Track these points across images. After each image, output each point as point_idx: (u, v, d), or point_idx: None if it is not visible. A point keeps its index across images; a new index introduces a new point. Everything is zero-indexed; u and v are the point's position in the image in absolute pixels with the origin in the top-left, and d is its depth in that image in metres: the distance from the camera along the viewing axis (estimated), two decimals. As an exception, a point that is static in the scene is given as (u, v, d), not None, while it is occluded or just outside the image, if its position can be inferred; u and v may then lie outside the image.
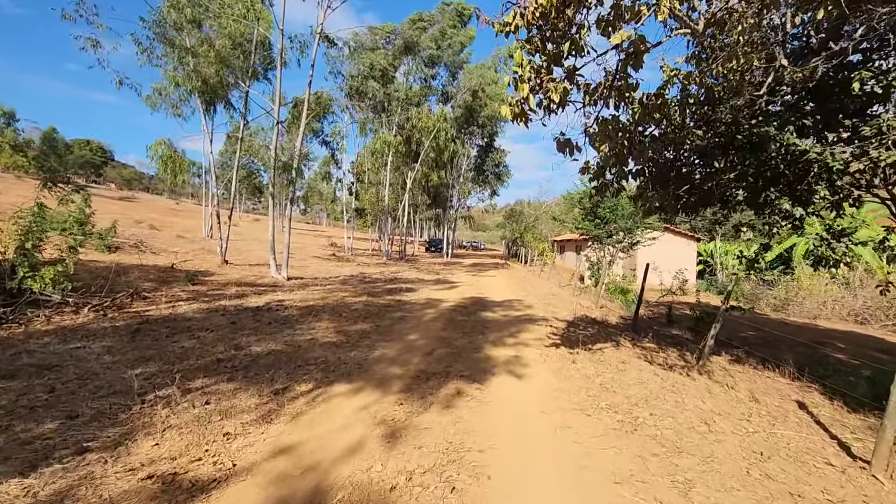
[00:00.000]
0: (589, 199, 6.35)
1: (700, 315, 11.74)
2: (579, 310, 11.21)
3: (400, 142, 18.65)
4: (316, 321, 7.51)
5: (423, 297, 11.56)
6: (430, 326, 7.83)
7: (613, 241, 17.67)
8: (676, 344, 8.80)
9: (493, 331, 7.70)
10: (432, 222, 71.11)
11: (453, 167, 32.55)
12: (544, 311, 10.31)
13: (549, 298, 12.87)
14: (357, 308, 9.07)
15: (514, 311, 9.99)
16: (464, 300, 11.41)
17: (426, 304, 10.41)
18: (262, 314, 7.75)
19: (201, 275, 11.55)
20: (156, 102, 20.03)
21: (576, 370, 5.65)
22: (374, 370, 5.20)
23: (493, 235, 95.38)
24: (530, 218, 45.49)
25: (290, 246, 27.57)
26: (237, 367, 4.92)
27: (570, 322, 9.21)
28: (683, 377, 6.12)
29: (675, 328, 11.75)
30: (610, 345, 7.44)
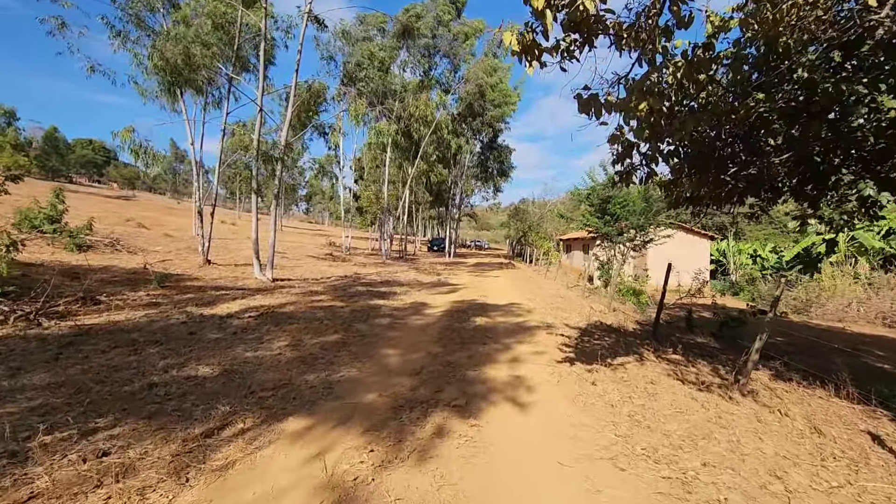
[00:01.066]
0: (612, 185, 5.27)
1: (724, 320, 10.65)
2: (591, 314, 10.13)
3: (396, 131, 17.61)
4: (289, 331, 6.48)
5: (419, 301, 10.52)
6: (422, 337, 6.78)
7: (624, 239, 16.59)
8: (705, 355, 7.72)
9: (495, 342, 6.64)
10: (435, 221, 70.12)
11: (456, 163, 31.49)
12: (553, 317, 9.24)
13: (558, 301, 11.79)
14: (341, 314, 8.04)
15: (518, 317, 8.93)
16: (463, 304, 10.36)
17: (420, 310, 9.37)
18: (228, 323, 6.74)
19: (177, 276, 10.56)
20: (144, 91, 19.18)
21: (597, 395, 4.59)
22: (344, 397, 4.16)
23: (497, 234, 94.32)
24: (535, 216, 44.43)
25: (287, 245, 26.69)
26: (171, 396, 3.90)
27: (583, 330, 8.14)
28: (725, 401, 5.05)
29: (698, 334, 10.69)
30: (632, 358, 6.37)
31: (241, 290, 9.87)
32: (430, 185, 37.38)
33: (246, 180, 45.67)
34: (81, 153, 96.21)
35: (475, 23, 23.16)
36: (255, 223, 11.32)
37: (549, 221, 45.27)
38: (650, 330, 10.02)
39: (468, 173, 34.73)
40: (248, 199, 75.65)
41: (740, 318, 10.40)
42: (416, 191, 35.15)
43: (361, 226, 34.69)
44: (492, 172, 35.71)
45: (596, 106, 3.03)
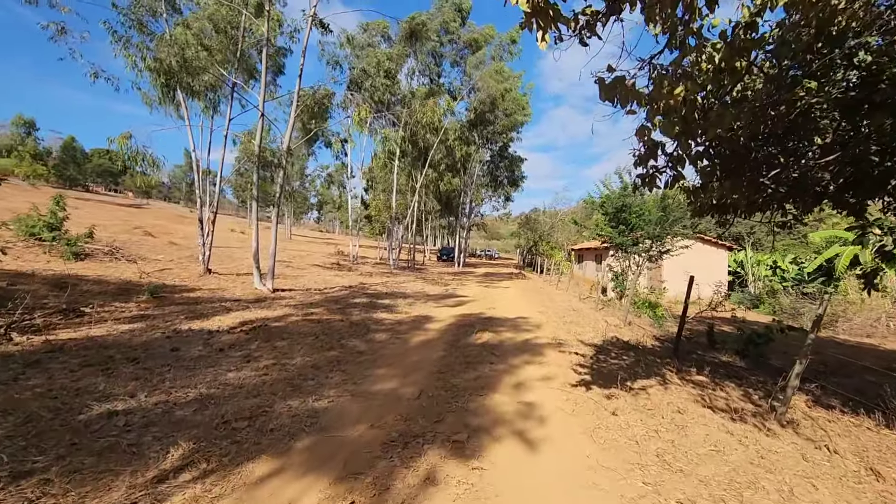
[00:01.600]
0: (634, 190, 4.75)
1: (749, 336, 9.96)
2: (606, 329, 9.53)
3: (403, 138, 17.23)
4: (280, 348, 6.01)
5: (423, 315, 10.00)
6: (424, 355, 6.26)
7: (640, 249, 15.91)
8: (732, 376, 7.09)
9: (503, 361, 6.08)
10: (445, 230, 69.70)
11: (465, 171, 31.08)
12: (565, 332, 8.65)
13: (570, 315, 11.19)
14: (339, 329, 7.56)
15: (529, 333, 8.36)
16: (469, 318, 9.81)
17: (423, 324, 8.85)
18: (216, 338, 6.28)
19: (173, 287, 10.19)
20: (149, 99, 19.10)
21: (618, 428, 4.02)
22: (329, 428, 3.66)
23: (507, 244, 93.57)
24: (546, 226, 43.77)
25: (294, 254, 26.41)
26: (131, 426, 3.42)
27: (598, 347, 7.55)
28: (763, 433, 4.45)
29: (720, 351, 10.02)
30: (654, 381, 5.77)
31: (237, 301, 9.45)
32: (440, 194, 37.01)
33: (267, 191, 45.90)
34: (98, 162, 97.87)
35: (486, 29, 22.86)
36: (256, 232, 10.94)
37: (561, 231, 44.57)
38: (670, 347, 9.38)
39: (478, 182, 34.28)
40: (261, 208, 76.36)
41: (767, 334, 9.70)
42: (425, 199, 34.80)
43: (370, 234, 34.36)
44: (502, 181, 35.19)
45: (622, 91, 2.52)
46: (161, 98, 8.94)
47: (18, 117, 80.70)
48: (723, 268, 24.93)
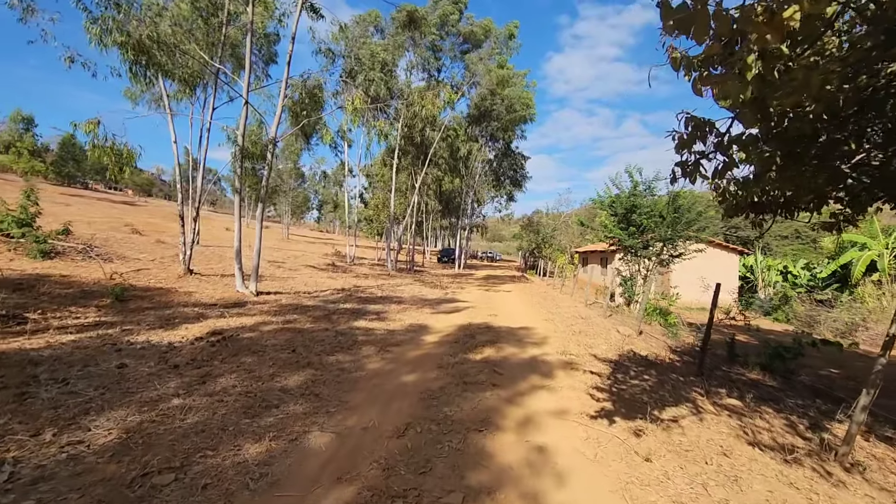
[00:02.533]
0: (672, 181, 3.86)
1: (776, 350, 9.07)
2: (620, 340, 8.66)
3: (403, 136, 16.33)
4: (247, 365, 5.15)
5: (418, 323, 9.14)
6: (415, 375, 5.39)
7: (651, 252, 15.04)
8: (766, 398, 6.24)
9: (507, 385, 5.20)
10: (447, 231, 68.86)
11: (467, 169, 30.22)
12: (576, 345, 7.78)
13: (579, 323, 10.31)
14: (322, 340, 6.69)
15: (536, 347, 7.48)
16: (469, 328, 8.94)
17: (418, 335, 7.98)
18: (175, 352, 5.42)
19: (146, 289, 9.35)
20: (135, 95, 18.25)
21: (657, 484, 3.14)
22: (285, 485, 2.79)
23: (509, 246, 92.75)
24: (549, 228, 42.87)
25: (289, 254, 25.55)
26: (9, 488, 2.56)
27: (615, 363, 6.67)
28: (830, 483, 3.58)
29: (741, 364, 9.16)
30: (685, 409, 4.90)
31: (213, 306, 8.60)
32: (441, 194, 36.15)
33: (252, 186, 44.94)
34: (97, 159, 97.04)
35: (484, 22, 21.97)
36: (238, 229, 10.09)
37: (564, 233, 43.70)
38: (691, 361, 8.52)
39: (480, 181, 33.40)
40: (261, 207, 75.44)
41: (796, 348, 8.80)
42: (425, 199, 33.95)
43: (368, 234, 33.53)
44: (505, 181, 34.29)
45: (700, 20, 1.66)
46: (133, 79, 8.08)
47: (17, 113, 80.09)
48: (734, 273, 24.02)
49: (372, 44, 15.23)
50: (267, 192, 10.31)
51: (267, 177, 10.17)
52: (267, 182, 10.25)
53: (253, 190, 47.37)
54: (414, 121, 17.27)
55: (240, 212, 10.06)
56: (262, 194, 10.24)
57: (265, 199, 10.41)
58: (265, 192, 10.26)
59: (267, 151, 9.40)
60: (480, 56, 22.24)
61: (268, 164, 9.92)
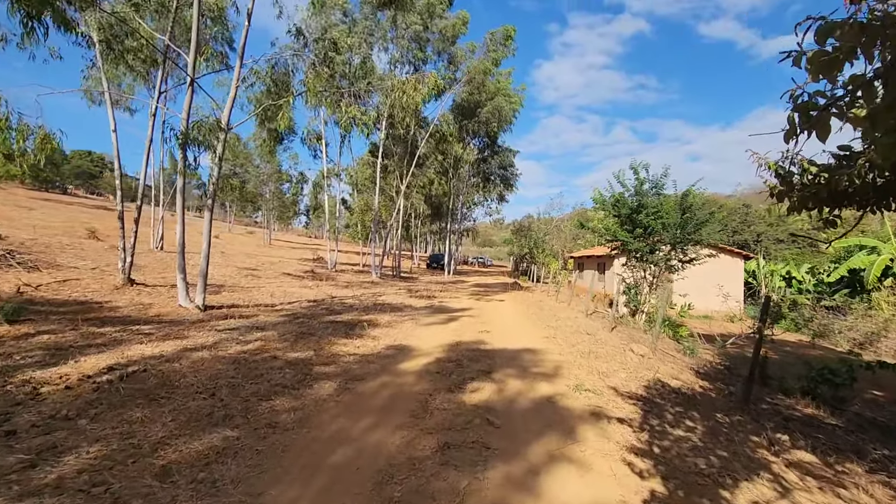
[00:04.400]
0: (787, 137, 2.41)
1: (821, 373, 7.65)
2: (637, 364, 7.17)
3: (386, 133, 14.74)
4: (133, 423, 3.54)
5: (397, 344, 7.58)
6: (373, 437, 3.81)
7: (659, 258, 13.64)
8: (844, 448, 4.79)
9: (510, 452, 3.63)
10: (436, 237, 67.34)
11: (456, 174, 28.76)
12: (590, 373, 6.26)
13: (585, 341, 8.82)
14: (265, 374, 5.09)
15: (542, 379, 5.94)
16: (458, 350, 7.40)
17: (394, 362, 6.42)
18: (34, 405, 3.80)
19: (66, 304, 7.68)
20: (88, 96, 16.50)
21: None
22: None
23: (500, 251, 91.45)
24: (540, 233, 41.53)
25: (265, 260, 23.76)
26: None
27: (645, 401, 5.15)
28: None
29: (783, 391, 7.75)
30: (764, 482, 3.40)
31: (139, 325, 6.95)
32: (430, 197, 34.65)
33: (233, 188, 43.06)
34: (78, 164, 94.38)
35: (461, 14, 20.51)
36: (181, 231, 8.44)
37: (556, 238, 42.44)
38: (723, 387, 7.06)
39: (469, 183, 31.94)
40: (243, 211, 72.88)
41: (847, 371, 7.38)
42: (413, 202, 32.44)
43: (352, 239, 31.93)
44: (494, 180, 32.79)
45: None
46: (24, 37, 6.46)
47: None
48: (738, 278, 22.75)
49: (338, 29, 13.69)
50: (217, 187, 8.70)
51: (218, 170, 8.56)
52: (218, 176, 8.62)
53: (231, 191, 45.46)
54: (394, 111, 15.61)
55: (183, 211, 8.43)
56: (212, 190, 8.61)
57: (214, 196, 8.78)
58: (214, 189, 8.64)
59: (212, 138, 7.83)
60: (471, 48, 20.77)
61: (217, 155, 8.32)
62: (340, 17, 16.92)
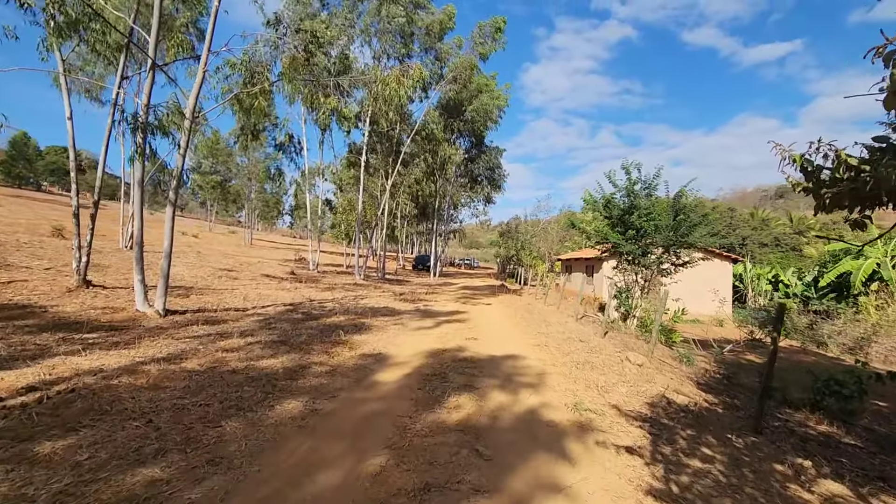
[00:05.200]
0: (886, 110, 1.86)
1: (827, 384, 7.20)
2: (637, 375, 6.64)
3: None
4: (26, 469, 2.85)
5: (377, 351, 6.94)
6: (336, 476, 3.17)
7: (651, 260, 13.20)
8: (871, 474, 4.29)
9: (499, 488, 3.05)
10: (423, 238, 66.64)
11: (443, 173, 28.14)
12: (587, 388, 5.70)
13: (579, 349, 8.27)
14: (220, 392, 4.41)
15: (533, 393, 5.36)
16: (442, 358, 6.79)
17: (369, 373, 5.78)
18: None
19: (10, 307, 6.88)
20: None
21: None
22: None
23: (486, 253, 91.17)
24: (527, 235, 41.16)
25: (245, 261, 22.82)
26: None
27: (652, 422, 4.60)
28: None
29: (786, 403, 7.28)
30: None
31: (90, 333, 6.19)
32: (416, 198, 33.98)
33: (213, 186, 41.83)
34: (52, 160, 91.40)
35: (448, 8, 19.89)
36: (139, 228, 7.66)
37: (543, 240, 42.10)
38: (728, 401, 6.56)
39: (456, 183, 31.33)
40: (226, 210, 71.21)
41: (856, 382, 6.93)
42: (399, 202, 31.73)
43: (336, 239, 31.09)
44: (481, 181, 32.22)
45: None
46: None
47: (-43, 109, 74.10)
48: (727, 282, 22.56)
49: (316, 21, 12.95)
50: (180, 181, 7.93)
51: (182, 161, 7.80)
52: (182, 168, 7.87)
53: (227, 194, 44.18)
54: (378, 105, 14.88)
55: (141, 206, 7.65)
56: (174, 184, 7.85)
57: (177, 189, 8.02)
58: (177, 182, 7.87)
59: (170, 124, 7.09)
60: (458, 43, 20.15)
61: (178, 143, 7.57)
62: (318, 6, 16.12)
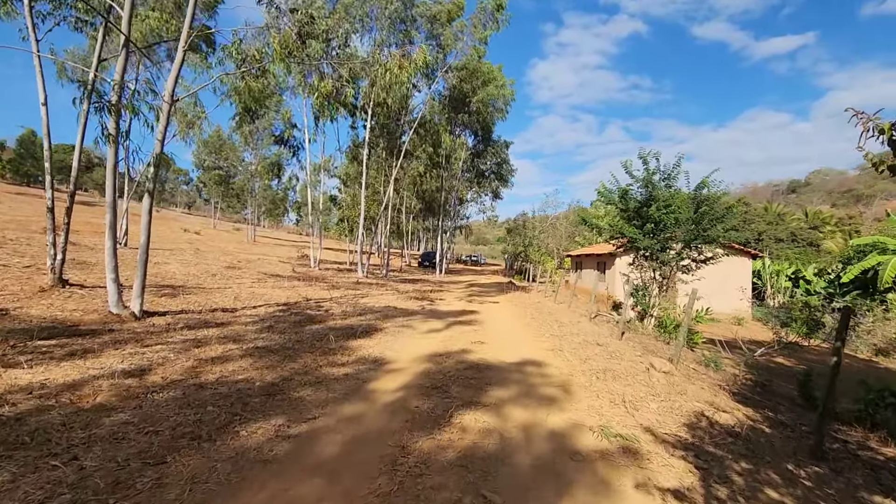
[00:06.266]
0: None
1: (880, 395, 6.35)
2: (667, 387, 5.85)
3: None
4: None
5: (371, 356, 6.20)
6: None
7: (671, 256, 12.34)
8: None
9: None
10: (429, 234, 65.89)
11: (448, 166, 27.30)
12: (612, 404, 4.91)
13: (597, 354, 7.48)
14: (170, 416, 3.68)
15: (546, 409, 4.59)
16: (446, 365, 6.04)
17: (363, 383, 5.04)
18: None
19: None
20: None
21: None
22: None
23: (493, 249, 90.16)
24: (535, 231, 40.25)
25: (245, 258, 22.23)
26: None
27: (696, 451, 3.81)
28: None
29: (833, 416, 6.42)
30: None
31: (48, 340, 5.50)
32: (422, 192, 33.20)
33: (216, 182, 41.29)
34: (59, 158, 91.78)
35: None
36: (111, 222, 6.97)
37: (552, 236, 41.16)
38: (770, 415, 5.74)
39: (462, 178, 30.47)
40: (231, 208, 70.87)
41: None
42: (403, 196, 30.99)
43: (340, 235, 30.43)
44: (488, 175, 31.33)
45: None
46: None
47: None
48: (746, 278, 21.55)
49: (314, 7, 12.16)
50: (158, 169, 7.22)
51: (160, 148, 7.10)
52: (159, 155, 7.16)
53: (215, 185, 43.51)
54: (378, 91, 14.04)
55: (115, 195, 6.95)
56: (153, 177, 7.14)
57: (155, 177, 7.31)
58: (155, 171, 7.17)
59: (142, 103, 6.39)
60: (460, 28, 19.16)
61: (159, 130, 6.87)
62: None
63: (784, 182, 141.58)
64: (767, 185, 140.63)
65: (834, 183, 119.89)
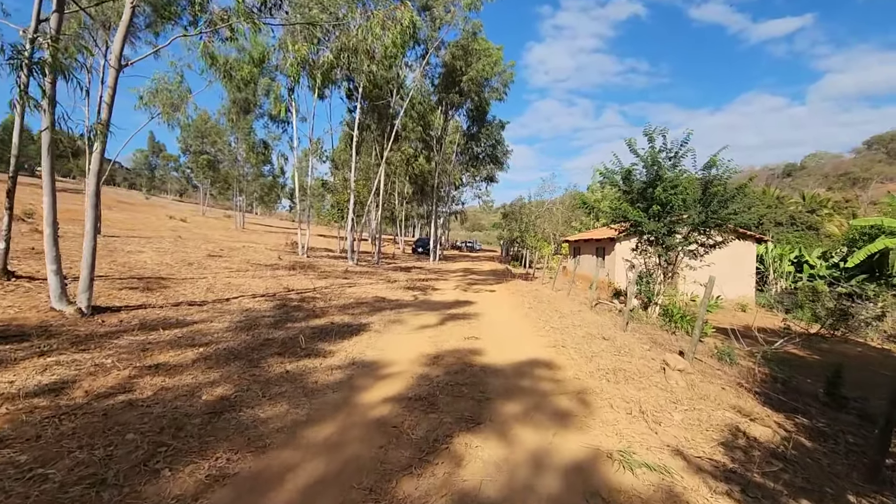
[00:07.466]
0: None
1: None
2: (686, 390, 5.11)
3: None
4: None
5: (359, 359, 5.42)
6: None
7: (677, 241, 11.57)
8: None
9: None
10: (424, 220, 64.93)
11: (440, 147, 26.29)
12: (629, 417, 4.16)
13: (604, 350, 6.73)
14: (86, 449, 2.88)
15: (554, 429, 3.83)
16: (440, 368, 5.26)
17: (344, 392, 4.26)
18: None
19: None
20: None
21: None
22: None
23: (489, 235, 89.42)
24: (531, 216, 39.41)
25: (232, 245, 21.32)
26: None
27: (738, 481, 3.06)
28: None
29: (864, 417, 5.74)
30: None
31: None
32: (416, 176, 32.21)
33: (203, 167, 40.05)
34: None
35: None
36: (50, 205, 6.09)
37: (548, 221, 40.37)
38: (806, 423, 5.01)
39: (456, 160, 29.45)
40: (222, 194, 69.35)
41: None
42: (396, 181, 29.98)
43: (330, 221, 29.47)
44: (483, 157, 30.33)
45: None
46: None
47: (-55, 92, 72.38)
48: (750, 263, 20.88)
49: None
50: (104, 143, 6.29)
51: (107, 115, 6.16)
52: (108, 119, 6.22)
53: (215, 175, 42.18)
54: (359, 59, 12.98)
55: (52, 176, 6.04)
56: (99, 147, 6.21)
57: (102, 155, 6.39)
58: (102, 146, 6.23)
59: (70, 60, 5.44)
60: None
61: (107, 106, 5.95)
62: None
63: (780, 166, 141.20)
64: (764, 169, 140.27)
65: (830, 166, 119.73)
